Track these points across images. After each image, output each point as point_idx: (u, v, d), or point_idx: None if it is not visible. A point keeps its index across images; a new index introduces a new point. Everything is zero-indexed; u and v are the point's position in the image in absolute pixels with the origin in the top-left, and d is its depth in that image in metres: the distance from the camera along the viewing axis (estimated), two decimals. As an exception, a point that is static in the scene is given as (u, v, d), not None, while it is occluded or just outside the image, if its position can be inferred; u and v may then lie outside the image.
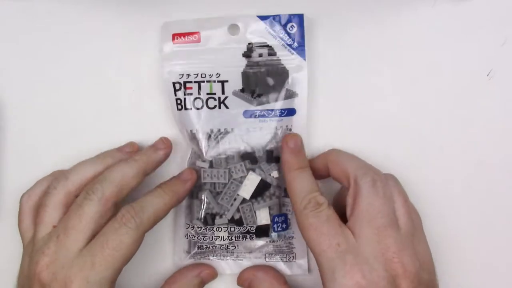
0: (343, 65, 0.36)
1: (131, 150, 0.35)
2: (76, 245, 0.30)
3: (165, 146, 0.35)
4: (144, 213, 0.31)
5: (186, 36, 0.34)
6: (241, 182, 0.34)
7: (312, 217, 0.30)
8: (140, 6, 0.36)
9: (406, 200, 0.31)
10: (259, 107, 0.34)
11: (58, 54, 0.37)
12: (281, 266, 0.36)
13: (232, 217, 0.35)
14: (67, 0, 0.36)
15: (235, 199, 0.34)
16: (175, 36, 0.34)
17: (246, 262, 0.36)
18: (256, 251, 0.36)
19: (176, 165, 0.36)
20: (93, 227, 0.30)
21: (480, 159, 0.36)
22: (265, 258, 0.36)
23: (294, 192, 0.32)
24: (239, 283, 0.35)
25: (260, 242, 0.35)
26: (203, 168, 0.34)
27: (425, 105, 0.36)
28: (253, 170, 0.35)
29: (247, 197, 0.34)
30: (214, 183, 0.35)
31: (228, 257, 0.36)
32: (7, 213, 0.36)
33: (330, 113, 0.36)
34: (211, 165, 0.34)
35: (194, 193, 0.35)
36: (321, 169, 0.34)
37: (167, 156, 0.35)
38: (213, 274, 0.35)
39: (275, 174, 0.35)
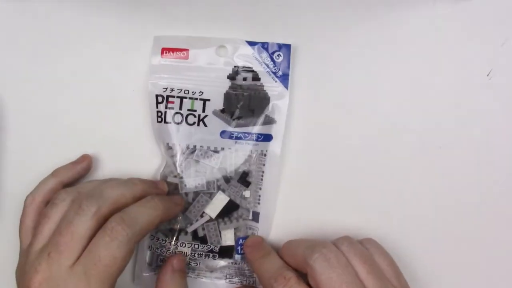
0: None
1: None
2: (67, 262, 0.28)
3: (163, 188, 0.35)
4: (137, 225, 0.29)
5: (175, 52, 0.35)
6: (211, 198, 0.35)
7: None
8: (139, 9, 0.37)
9: (365, 261, 0.30)
10: (237, 129, 0.35)
11: (58, 54, 0.37)
12: (240, 289, 0.36)
13: (197, 235, 0.35)
14: (67, 1, 0.37)
15: (202, 216, 0.35)
16: (164, 50, 0.35)
17: (206, 281, 0.36)
18: (218, 271, 0.36)
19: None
20: (84, 244, 0.29)
21: (480, 159, 0.36)
22: (226, 279, 0.36)
23: (262, 276, 0.31)
24: None
25: (222, 262, 0.35)
26: (180, 180, 0.35)
27: (425, 105, 0.36)
28: (224, 190, 0.35)
29: (213, 216, 0.35)
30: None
31: (189, 274, 0.36)
32: (7, 213, 0.36)
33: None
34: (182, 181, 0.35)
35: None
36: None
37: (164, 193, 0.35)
38: (183, 259, 0.34)
39: (247, 194, 0.35)
